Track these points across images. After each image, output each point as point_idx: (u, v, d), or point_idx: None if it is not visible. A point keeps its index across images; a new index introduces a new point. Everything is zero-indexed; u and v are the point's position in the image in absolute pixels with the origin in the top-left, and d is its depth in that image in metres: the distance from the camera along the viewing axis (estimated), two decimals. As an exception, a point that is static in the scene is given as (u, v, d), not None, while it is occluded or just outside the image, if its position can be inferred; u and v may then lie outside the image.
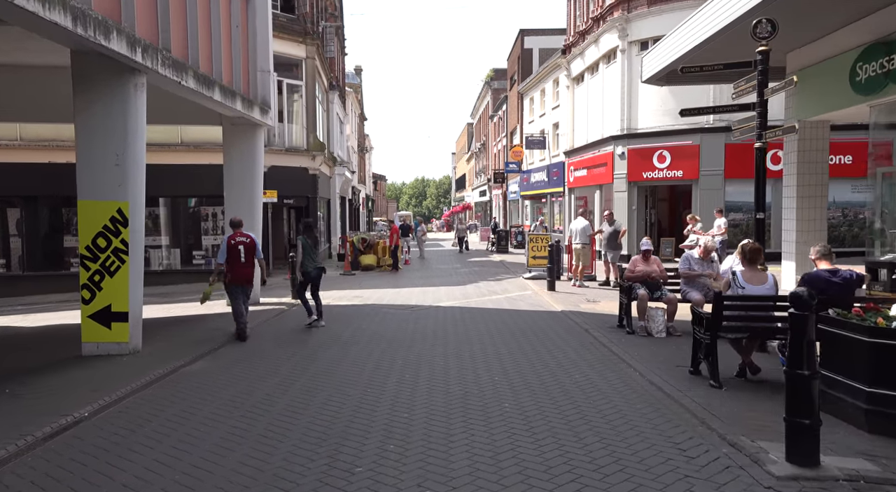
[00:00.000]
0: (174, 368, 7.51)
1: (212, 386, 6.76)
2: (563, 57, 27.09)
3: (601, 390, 6.12)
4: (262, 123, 13.40)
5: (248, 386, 6.70)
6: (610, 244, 15.07)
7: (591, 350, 7.90)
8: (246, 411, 5.79)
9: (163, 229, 20.87)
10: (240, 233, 9.54)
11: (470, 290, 15.22)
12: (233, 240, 9.41)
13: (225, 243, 9.44)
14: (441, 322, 10.49)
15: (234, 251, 9.32)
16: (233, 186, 13.49)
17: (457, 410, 5.63)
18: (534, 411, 5.51)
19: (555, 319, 10.49)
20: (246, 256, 9.35)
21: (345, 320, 11.02)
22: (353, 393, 6.28)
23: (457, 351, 8.13)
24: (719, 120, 19.40)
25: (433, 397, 6.06)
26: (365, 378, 6.88)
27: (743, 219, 19.76)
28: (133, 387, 6.61)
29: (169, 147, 19.97)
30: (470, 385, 6.47)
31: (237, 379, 7.04)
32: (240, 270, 9.38)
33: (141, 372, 7.20)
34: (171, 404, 6.14)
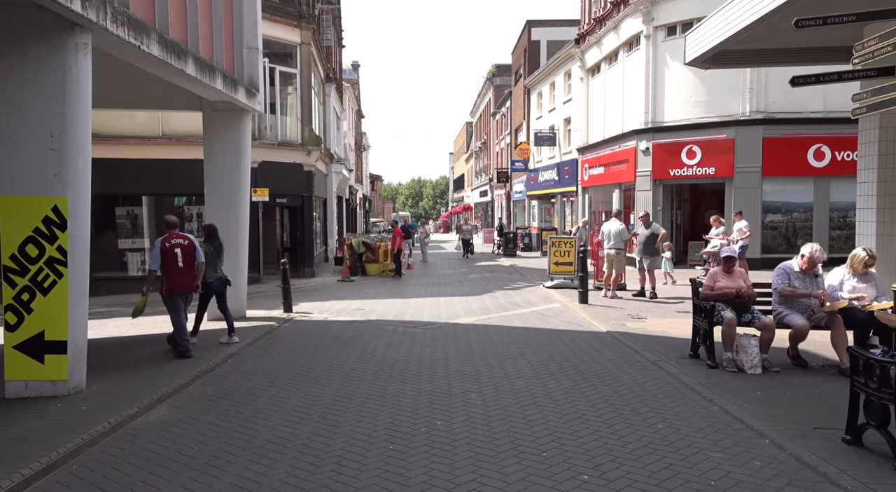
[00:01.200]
0: (124, 418, 5.62)
1: (172, 450, 4.89)
2: (577, 47, 25.27)
3: (732, 475, 4.22)
4: (249, 108, 11.52)
5: (220, 449, 4.84)
6: (646, 249, 13.24)
7: (673, 393, 6.00)
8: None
9: (144, 231, 18.96)
10: (176, 234, 8.28)
11: (488, 302, 13.35)
12: (168, 242, 8.10)
13: (158, 247, 8.06)
14: (464, 346, 8.63)
15: (170, 255, 8.05)
16: (215, 182, 11.62)
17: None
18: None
19: (603, 342, 8.62)
20: (184, 261, 8.14)
21: (346, 343, 9.15)
22: (366, 474, 4.40)
23: (495, 392, 6.28)
24: (756, 111, 17.62)
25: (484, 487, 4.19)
26: (378, 448, 4.94)
27: (783, 221, 17.97)
28: (62, 452, 4.73)
29: (149, 140, 18.11)
30: (529, 456, 4.60)
31: (207, 438, 5.17)
32: (177, 277, 8.10)
33: (78, 424, 5.33)
34: (113, 483, 4.28)
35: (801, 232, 17.85)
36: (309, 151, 20.35)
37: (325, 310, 12.79)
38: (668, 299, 12.76)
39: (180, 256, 8.13)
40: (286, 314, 12.11)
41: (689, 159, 18.69)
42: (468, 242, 28.00)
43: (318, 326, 10.84)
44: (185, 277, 8.20)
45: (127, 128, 18.09)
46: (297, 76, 20.34)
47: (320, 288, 17.66)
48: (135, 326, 10.51)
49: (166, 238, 8.20)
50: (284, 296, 12.44)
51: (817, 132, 17.34)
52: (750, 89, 17.62)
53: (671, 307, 11.75)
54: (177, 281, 8.11)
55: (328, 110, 27.54)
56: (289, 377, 7.15)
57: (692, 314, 7.39)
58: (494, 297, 14.17)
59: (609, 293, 13.20)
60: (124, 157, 17.87)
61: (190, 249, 8.27)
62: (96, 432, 5.21)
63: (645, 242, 13.24)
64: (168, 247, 8.11)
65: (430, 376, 6.97)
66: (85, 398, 6.22)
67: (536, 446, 4.67)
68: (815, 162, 17.43)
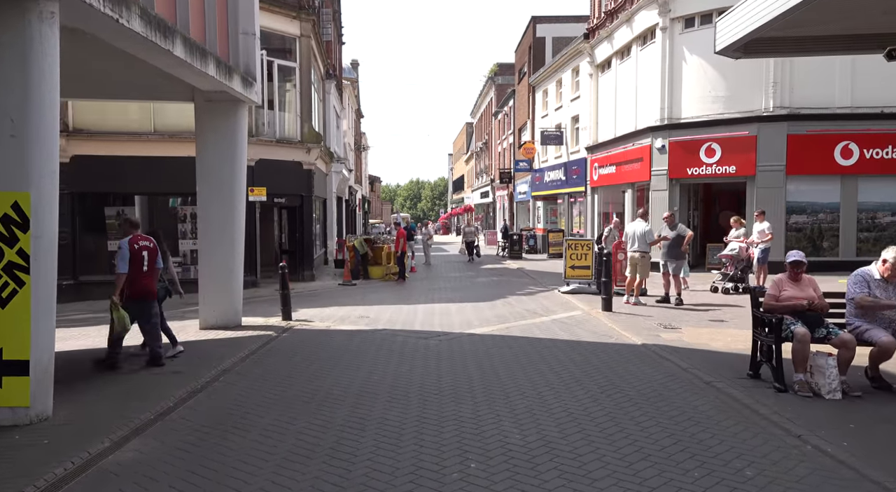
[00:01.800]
0: (92, 456, 4.69)
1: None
2: (586, 42, 24.41)
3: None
4: (246, 98, 10.59)
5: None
6: (671, 253, 12.33)
7: (746, 425, 5.00)
8: None
9: (140, 232, 18.02)
10: (141, 236, 7.75)
11: (502, 309, 12.43)
12: (136, 244, 7.52)
13: (126, 248, 7.40)
14: (485, 360, 7.71)
15: (138, 258, 7.49)
16: (208, 178, 10.69)
17: None
18: None
19: (640, 357, 7.70)
20: (149, 265, 7.62)
21: (353, 356, 8.22)
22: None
23: (532, 418, 5.35)
24: (780, 107, 16.74)
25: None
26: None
27: (808, 222, 17.08)
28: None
29: (141, 137, 17.18)
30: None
31: (191, 485, 4.24)
32: (144, 280, 7.55)
33: (36, 465, 4.41)
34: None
35: (828, 234, 16.98)
36: (309, 149, 19.43)
37: (327, 317, 11.86)
38: (696, 306, 11.86)
39: (147, 259, 7.59)
40: (285, 322, 11.19)
41: (708, 157, 17.81)
42: (473, 245, 26.77)
43: (320, 336, 9.92)
44: (151, 282, 7.69)
45: (117, 123, 17.18)
46: (297, 70, 19.42)
47: (321, 293, 16.73)
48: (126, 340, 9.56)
49: (133, 239, 7.56)
50: (283, 302, 11.51)
51: (845, 129, 16.47)
52: (773, 83, 16.75)
53: (702, 315, 10.85)
54: (143, 285, 7.54)
55: (328, 108, 26.63)
56: (290, 400, 6.22)
57: (752, 327, 6.45)
58: (508, 303, 13.24)
59: (632, 300, 12.29)
60: (114, 154, 16.95)
61: (154, 253, 7.78)
62: (55, 477, 4.28)
63: (670, 244, 12.34)
64: (136, 249, 7.49)
65: (454, 397, 6.05)
66: (49, 428, 5.29)
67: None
68: (842, 160, 16.55)
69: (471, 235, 26.68)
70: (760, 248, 13.86)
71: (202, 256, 10.86)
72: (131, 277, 7.41)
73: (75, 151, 16.85)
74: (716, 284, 14.10)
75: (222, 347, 8.84)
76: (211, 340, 9.51)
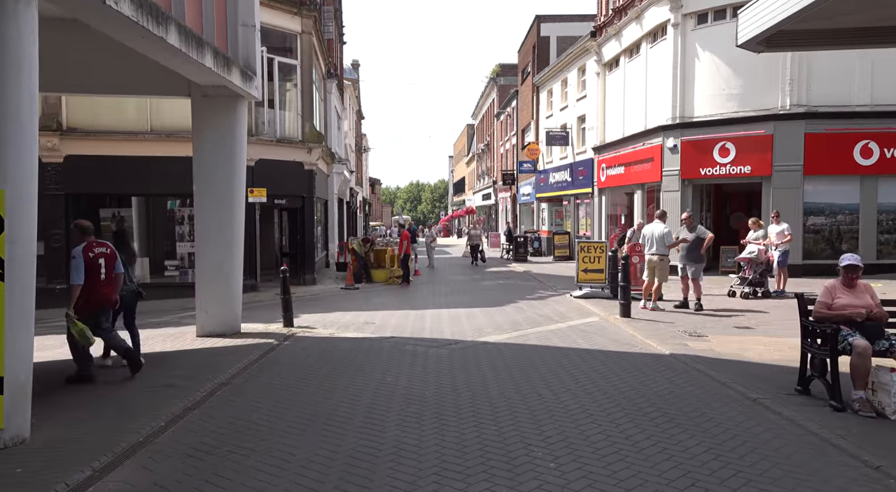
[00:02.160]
0: (71, 488, 4.14)
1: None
2: (593, 40, 23.88)
3: None
4: (245, 93, 10.05)
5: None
6: (690, 256, 11.76)
7: (811, 452, 4.40)
8: None
9: (134, 234, 17.51)
10: (96, 242, 7.11)
11: (514, 314, 11.87)
12: (91, 251, 6.90)
13: (81, 257, 6.77)
14: (504, 373, 7.14)
15: (94, 267, 6.89)
16: (205, 178, 10.16)
17: None
18: None
19: (672, 369, 7.14)
20: (107, 272, 7.02)
21: (360, 368, 7.66)
22: None
23: (566, 444, 4.79)
24: (797, 105, 16.20)
25: None
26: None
27: (826, 224, 16.53)
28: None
29: (137, 136, 16.64)
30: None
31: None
32: (103, 290, 6.96)
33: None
34: None
35: (846, 236, 16.43)
36: (310, 149, 18.89)
37: (330, 323, 11.31)
38: (717, 312, 11.31)
39: (104, 266, 6.98)
40: (287, 329, 10.63)
41: (721, 157, 17.27)
42: (477, 248, 25.82)
43: (323, 344, 9.36)
44: (109, 290, 7.09)
45: (112, 122, 16.63)
46: (298, 68, 18.89)
47: (323, 297, 16.18)
48: (100, 345, 8.99)
49: (87, 247, 6.94)
50: (285, 308, 10.95)
51: (864, 127, 15.93)
52: (790, 81, 16.21)
53: (726, 322, 10.29)
54: (102, 293, 6.95)
55: (329, 108, 26.11)
56: (293, 418, 5.66)
57: (801, 338, 5.89)
58: (519, 308, 12.68)
59: (650, 305, 11.73)
60: (110, 153, 16.41)
61: (112, 259, 7.16)
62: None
63: (689, 247, 11.77)
64: (92, 257, 6.88)
65: (474, 417, 5.49)
66: (25, 453, 4.73)
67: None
68: (861, 160, 16.01)
69: (475, 238, 25.90)
70: (780, 250, 13.34)
71: (199, 260, 10.31)
72: (89, 286, 6.81)
73: (69, 151, 16.30)
74: (733, 288, 13.55)
75: (220, 357, 8.28)
76: (208, 349, 8.96)
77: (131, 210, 17.63)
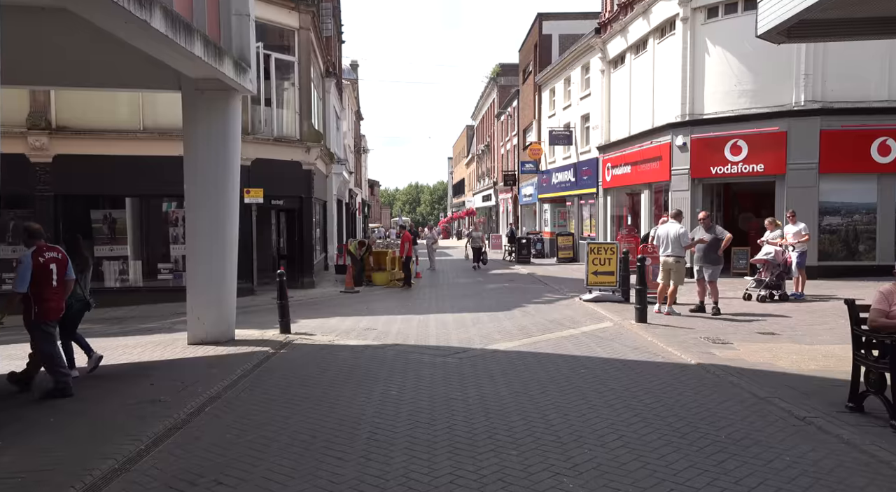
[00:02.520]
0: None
1: None
2: (598, 37, 23.33)
3: None
4: (240, 86, 9.49)
5: None
6: (707, 257, 11.21)
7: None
8: None
9: (129, 237, 16.95)
10: (46, 246, 6.61)
11: (522, 319, 11.29)
12: (41, 256, 6.41)
13: (29, 262, 6.27)
14: (520, 387, 6.55)
15: (45, 272, 6.41)
16: (197, 178, 9.62)
17: None
18: None
19: (704, 382, 6.54)
20: (58, 278, 6.57)
21: (361, 380, 7.08)
22: None
23: (602, 479, 4.22)
24: (812, 100, 15.66)
25: None
26: None
27: (842, 224, 15.97)
28: None
29: (129, 135, 16.08)
30: None
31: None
32: (52, 298, 6.47)
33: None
34: None
35: (864, 236, 15.88)
36: (308, 148, 18.33)
37: (329, 330, 10.74)
38: (735, 316, 10.75)
39: (55, 272, 6.51)
40: (283, 336, 10.07)
41: (733, 155, 16.72)
42: (480, 251, 24.72)
43: (322, 353, 8.79)
44: (60, 298, 6.64)
45: (103, 120, 16.08)
46: (296, 65, 18.34)
47: (322, 301, 15.62)
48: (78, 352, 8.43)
49: (37, 251, 6.43)
50: (281, 313, 10.39)
51: (882, 124, 15.38)
52: (805, 75, 15.66)
53: (748, 327, 9.72)
54: (51, 303, 6.47)
55: (328, 107, 25.57)
56: (288, 440, 5.09)
57: (853, 349, 5.31)
58: (527, 312, 12.11)
59: (665, 309, 11.17)
60: (101, 153, 15.83)
61: (64, 264, 6.68)
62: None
63: (706, 248, 11.22)
64: (42, 262, 6.39)
65: (491, 441, 4.90)
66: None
67: None
68: (879, 157, 15.46)
69: (477, 240, 24.96)
70: (798, 251, 12.79)
71: (190, 264, 9.74)
72: (39, 294, 6.28)
73: (59, 150, 15.73)
74: (749, 291, 13.00)
75: (211, 368, 7.72)
76: (199, 359, 8.39)
77: (124, 211, 17.02)
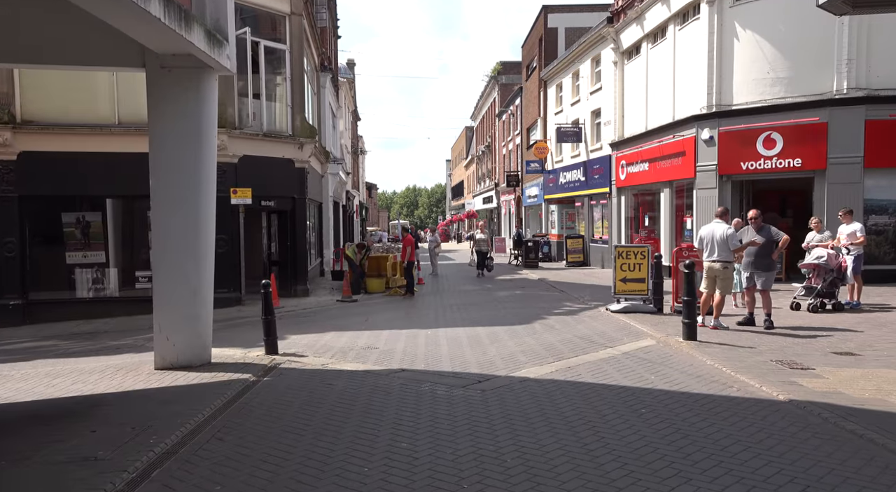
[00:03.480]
0: None
1: None
2: (610, 26, 21.89)
3: None
4: (214, 63, 7.98)
5: None
6: (759, 262, 9.71)
7: None
8: None
9: (111, 241, 15.45)
10: None
11: (546, 335, 9.78)
12: None
13: None
14: (566, 435, 5.04)
15: None
16: (164, 174, 8.12)
17: None
18: None
19: (811, 429, 4.98)
20: None
21: (360, 425, 5.56)
22: None
23: None
24: (856, 88, 14.21)
25: None
26: None
27: (889, 223, 14.52)
28: None
29: (102, 130, 14.58)
30: None
31: None
32: None
33: None
34: None
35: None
36: (301, 145, 16.83)
37: (323, 349, 9.23)
38: (792, 330, 9.28)
39: None
40: (269, 358, 8.56)
41: (766, 149, 15.26)
42: (485, 255, 22.42)
43: (314, 381, 7.26)
44: None
45: (74, 113, 14.58)
46: (287, 54, 16.84)
47: (316, 311, 14.12)
48: (51, 386, 6.93)
49: None
50: (266, 331, 8.87)
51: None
52: (848, 61, 14.21)
53: (816, 345, 8.23)
54: None
55: (323, 103, 24.09)
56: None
57: None
58: (550, 326, 10.59)
59: (711, 322, 9.68)
60: (72, 149, 14.35)
61: None
62: None
63: (757, 252, 9.73)
64: None
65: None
66: None
67: None
68: (940, 149, 14.01)
69: (482, 244, 22.84)
70: (853, 254, 11.33)
71: (158, 275, 8.21)
72: None
73: (24, 147, 14.21)
74: (797, 299, 11.53)
75: (173, 404, 6.20)
76: (163, 390, 6.88)
77: (102, 214, 15.49)
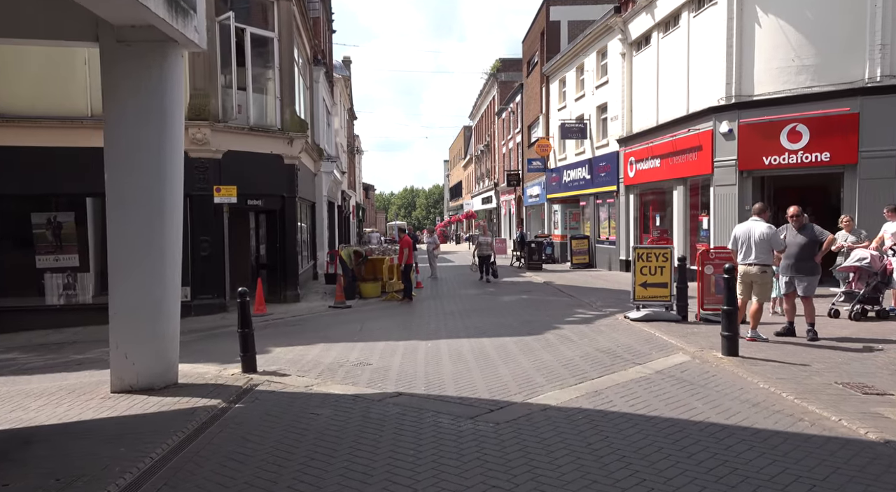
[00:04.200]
0: None
1: None
2: (618, 16, 20.80)
3: None
4: (179, 35, 6.85)
5: None
6: (800, 265, 8.60)
7: None
8: None
9: (89, 245, 14.28)
10: None
11: (563, 348, 8.64)
12: None
13: None
14: (603, 486, 3.95)
15: None
16: (123, 165, 7.01)
17: None
18: None
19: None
20: None
21: (347, 467, 4.43)
22: None
23: None
24: (890, 75, 13.11)
25: None
26: None
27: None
28: None
29: (73, 123, 13.43)
30: None
31: None
32: None
33: None
34: None
35: (952, 237, 13.31)
36: (291, 140, 15.70)
37: (309, 365, 8.09)
38: (839, 342, 8.19)
39: None
40: (245, 377, 7.43)
41: (791, 143, 14.16)
42: (488, 259, 20.35)
43: (294, 409, 6.12)
44: None
45: (41, 105, 13.41)
46: (275, 42, 15.72)
47: (306, 319, 13.00)
48: (21, 408, 5.79)
49: None
50: (243, 347, 7.72)
51: None
52: (881, 46, 13.11)
53: (875, 360, 7.13)
54: None
55: (316, 98, 22.96)
56: None
57: None
58: (565, 337, 9.46)
59: (749, 334, 8.56)
60: (41, 144, 13.22)
61: None
62: None
63: (798, 254, 8.62)
64: None
65: None
66: None
67: None
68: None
69: (485, 247, 20.73)
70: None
71: (113, 283, 7.06)
72: None
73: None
74: (836, 306, 10.45)
75: (120, 442, 5.06)
76: (112, 421, 5.74)
77: (80, 214, 14.32)
